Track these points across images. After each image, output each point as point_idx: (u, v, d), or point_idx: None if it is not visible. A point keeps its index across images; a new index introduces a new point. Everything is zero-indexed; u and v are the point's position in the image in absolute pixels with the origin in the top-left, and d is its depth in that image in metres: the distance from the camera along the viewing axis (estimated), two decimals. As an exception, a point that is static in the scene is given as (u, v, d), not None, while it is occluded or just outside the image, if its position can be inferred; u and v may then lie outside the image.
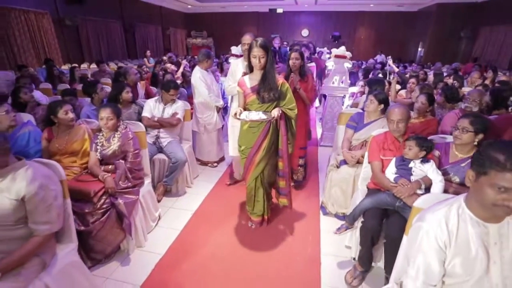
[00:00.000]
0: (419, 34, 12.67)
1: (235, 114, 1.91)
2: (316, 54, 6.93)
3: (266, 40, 1.91)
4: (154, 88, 4.21)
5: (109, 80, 4.85)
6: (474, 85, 4.20)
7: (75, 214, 1.69)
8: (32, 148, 2.09)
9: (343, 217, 2.32)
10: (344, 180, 2.39)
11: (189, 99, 3.55)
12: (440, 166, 1.79)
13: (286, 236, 2.30)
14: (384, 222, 1.69)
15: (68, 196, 1.55)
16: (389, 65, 4.69)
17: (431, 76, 5.36)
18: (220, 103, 3.29)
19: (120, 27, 10.53)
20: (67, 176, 1.59)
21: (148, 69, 6.85)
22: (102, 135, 2.11)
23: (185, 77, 4.53)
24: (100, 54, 9.50)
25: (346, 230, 1.98)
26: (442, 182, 1.63)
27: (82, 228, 1.77)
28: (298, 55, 2.58)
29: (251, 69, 2.02)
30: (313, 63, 4.43)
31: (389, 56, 5.30)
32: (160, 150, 2.81)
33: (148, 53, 9.29)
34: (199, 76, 3.09)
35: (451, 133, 1.80)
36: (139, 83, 3.87)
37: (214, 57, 4.26)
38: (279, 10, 13.59)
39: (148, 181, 2.32)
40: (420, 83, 3.44)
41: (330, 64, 4.50)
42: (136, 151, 2.13)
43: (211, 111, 3.25)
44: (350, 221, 1.88)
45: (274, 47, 5.16)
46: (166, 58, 8.51)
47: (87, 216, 1.81)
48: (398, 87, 4.27)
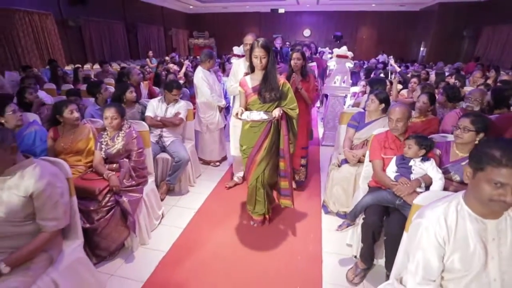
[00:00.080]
0: (421, 34, 12.63)
1: (237, 114, 1.92)
2: (318, 54, 6.94)
3: (267, 41, 1.92)
4: (157, 88, 4.24)
5: (112, 81, 4.89)
6: (476, 84, 4.19)
7: (80, 211, 1.72)
8: (38, 147, 2.13)
9: (345, 215, 2.33)
10: (346, 179, 2.41)
11: (191, 99, 3.58)
12: (441, 164, 1.81)
13: (288, 234, 2.31)
14: (385, 220, 1.71)
15: (74, 193, 1.58)
16: (390, 65, 4.70)
17: (433, 76, 5.36)
18: (222, 103, 3.32)
19: (123, 28, 10.59)
20: (72, 174, 1.62)
21: (151, 69, 6.90)
22: (107, 134, 2.14)
23: (187, 77, 4.56)
24: (103, 54, 9.55)
25: (347, 227, 2.00)
26: (442, 180, 1.64)
27: (87, 225, 1.81)
28: (299, 55, 2.58)
29: (252, 69, 2.03)
30: (313, 63, 4.45)
31: (390, 56, 5.31)
32: (163, 149, 2.84)
33: (151, 53, 9.33)
34: (202, 76, 3.12)
35: (452, 132, 1.82)
36: (142, 83, 3.92)
37: (216, 57, 4.27)
38: (281, 10, 13.58)
39: (151, 179, 2.35)
40: (422, 83, 3.45)
41: (332, 64, 4.52)
42: (140, 150, 2.16)
43: (213, 111, 3.28)
44: (351, 217, 1.90)
45: (275, 47, 5.19)
46: (168, 58, 8.56)
47: (92, 213, 1.85)
48: (400, 86, 4.28)
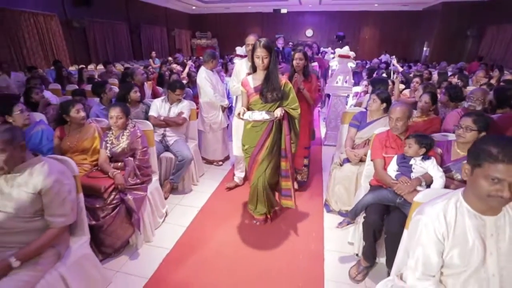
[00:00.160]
0: (424, 34, 12.58)
1: (239, 114, 1.94)
2: (320, 54, 6.96)
3: (269, 41, 1.93)
4: (160, 88, 4.29)
5: (116, 81, 4.94)
6: (479, 84, 4.18)
7: (86, 209, 1.75)
8: (45, 146, 2.18)
9: (347, 214, 2.35)
10: (347, 178, 2.42)
11: (194, 99, 3.61)
12: (442, 163, 1.82)
13: (290, 233, 2.33)
14: (385, 218, 1.73)
15: (81, 190, 1.62)
16: (393, 64, 4.70)
17: (435, 76, 5.35)
18: (225, 103, 3.34)
19: (126, 29, 10.66)
20: (78, 172, 1.66)
21: (154, 69, 6.95)
22: (112, 133, 2.18)
23: (190, 77, 4.59)
24: (107, 55, 9.63)
25: (347, 225, 2.01)
26: (443, 178, 1.65)
27: (93, 222, 1.84)
28: (302, 55, 2.59)
29: (254, 69, 2.03)
30: (315, 63, 4.46)
31: (393, 56, 5.31)
32: (167, 148, 2.88)
33: (154, 54, 9.40)
34: (205, 76, 3.15)
35: (454, 131, 1.83)
36: (146, 83, 3.96)
37: (219, 57, 4.31)
38: (283, 11, 13.57)
39: (155, 178, 2.38)
40: (424, 82, 3.45)
41: (334, 63, 4.53)
42: (144, 149, 2.20)
43: (216, 111, 3.31)
44: (352, 216, 1.92)
45: (277, 47, 5.21)
46: (171, 59, 8.62)
47: (98, 211, 1.88)
48: (402, 86, 4.28)
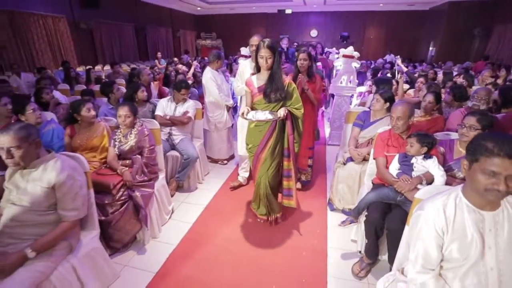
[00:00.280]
0: (430, 33, 12.47)
1: (243, 114, 1.96)
2: (324, 55, 6.97)
3: (273, 41, 1.95)
4: (166, 88, 4.35)
5: (122, 81, 5.02)
6: (485, 83, 4.17)
7: (96, 205, 1.80)
8: (56, 144, 2.25)
9: (350, 212, 2.37)
10: (351, 176, 2.44)
11: (200, 99, 3.67)
12: (444, 162, 1.84)
13: (294, 230, 2.37)
14: (387, 216, 1.75)
15: (91, 186, 1.68)
16: (397, 64, 4.69)
17: (440, 76, 5.33)
18: (230, 102, 3.39)
19: (132, 30, 10.80)
20: (88, 169, 1.71)
21: (160, 70, 7.04)
22: (120, 132, 2.24)
23: (196, 77, 4.66)
24: (113, 56, 9.76)
25: (350, 223, 2.05)
26: (443, 177, 1.67)
27: (102, 218, 1.90)
28: (306, 55, 2.59)
29: (258, 69, 2.05)
30: (319, 63, 4.48)
31: (397, 56, 5.29)
32: (173, 147, 2.93)
33: (159, 54, 9.51)
34: (210, 76, 3.20)
35: (457, 130, 1.84)
36: (152, 84, 4.03)
37: (224, 58, 4.36)
38: (288, 11, 13.56)
39: (162, 175, 2.44)
40: (428, 82, 3.45)
41: (338, 64, 4.54)
42: (152, 147, 2.26)
43: (221, 110, 3.36)
44: (355, 214, 1.94)
45: (282, 48, 5.25)
46: (177, 59, 8.72)
47: (107, 207, 1.94)
48: (407, 86, 4.28)
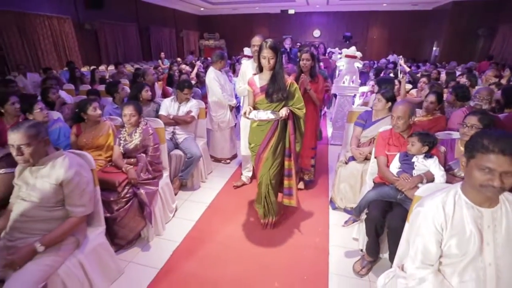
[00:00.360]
0: (434, 33, 12.41)
1: (245, 113, 1.99)
2: (327, 55, 6.98)
3: (275, 42, 1.96)
4: (170, 88, 4.40)
5: (126, 81, 5.08)
6: (488, 83, 4.15)
7: (101, 202, 1.85)
8: (62, 143, 2.29)
9: (352, 211, 2.39)
10: (352, 175, 2.46)
11: (203, 99, 3.71)
12: (445, 161, 1.85)
13: (296, 228, 2.39)
14: (388, 214, 1.77)
15: (98, 183, 1.72)
16: (400, 65, 4.69)
17: (443, 75, 5.32)
18: (233, 102, 3.42)
19: (136, 30, 10.89)
20: (93, 167, 1.75)
21: (163, 70, 7.11)
22: (125, 131, 2.28)
23: (199, 77, 4.70)
24: (117, 56, 9.86)
25: (353, 223, 2.06)
26: (444, 177, 1.68)
27: (107, 215, 1.93)
28: (309, 56, 2.59)
29: (260, 69, 2.06)
30: (320, 63, 4.50)
31: (400, 56, 5.29)
32: (176, 146, 2.97)
33: (162, 55, 9.60)
34: (213, 76, 3.23)
35: (459, 130, 1.85)
36: (156, 83, 4.08)
37: (227, 58, 4.40)
38: (291, 11, 13.57)
39: (166, 174, 2.47)
40: (430, 82, 3.46)
41: (341, 64, 4.56)
42: (156, 145, 2.29)
43: (224, 110, 3.39)
44: (356, 213, 1.96)
45: (285, 48, 5.27)
46: (180, 59, 8.79)
47: (112, 204, 1.98)
48: (409, 86, 4.28)
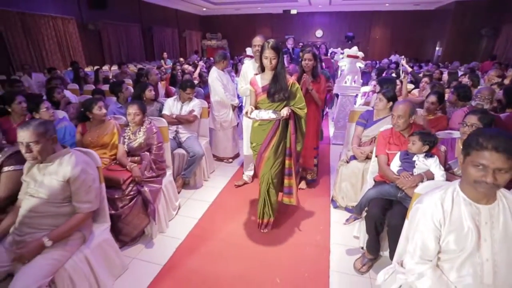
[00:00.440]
0: (436, 33, 12.36)
1: (246, 113, 2.01)
2: (329, 55, 6.99)
3: (277, 42, 1.98)
4: (173, 88, 4.44)
5: (130, 81, 5.12)
6: (491, 83, 4.15)
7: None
8: (68, 141, 2.33)
9: (353, 209, 2.41)
10: (354, 174, 2.48)
11: (206, 98, 3.74)
12: (446, 160, 1.87)
13: (298, 227, 2.41)
14: (388, 212, 1.79)
15: (103, 181, 1.75)
16: (402, 65, 4.69)
17: (446, 75, 5.32)
18: (236, 102, 3.45)
19: (139, 31, 10.96)
20: (99, 165, 1.78)
21: (165, 70, 7.15)
22: (129, 129, 2.32)
23: (202, 77, 4.73)
24: (120, 56, 9.92)
25: (354, 221, 2.09)
26: (444, 177, 1.70)
27: (112, 212, 1.97)
28: (311, 56, 2.60)
29: (262, 69, 2.08)
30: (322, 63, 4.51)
31: (402, 56, 5.29)
32: (179, 145, 3.01)
33: (165, 55, 9.65)
34: (216, 76, 3.27)
35: (459, 129, 1.87)
36: (159, 83, 4.12)
37: (230, 58, 4.44)
38: (293, 11, 13.57)
39: (169, 172, 2.50)
40: (432, 82, 3.47)
41: (343, 64, 4.58)
42: (160, 144, 2.33)
43: (226, 109, 3.42)
44: (357, 211, 1.99)
45: (287, 48, 5.29)
46: (182, 59, 8.85)
47: (117, 201, 2.02)
48: (411, 86, 4.29)
